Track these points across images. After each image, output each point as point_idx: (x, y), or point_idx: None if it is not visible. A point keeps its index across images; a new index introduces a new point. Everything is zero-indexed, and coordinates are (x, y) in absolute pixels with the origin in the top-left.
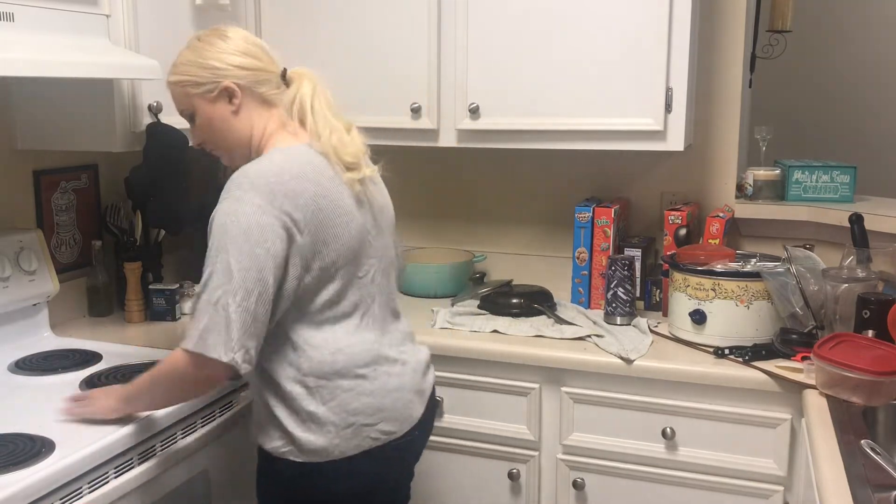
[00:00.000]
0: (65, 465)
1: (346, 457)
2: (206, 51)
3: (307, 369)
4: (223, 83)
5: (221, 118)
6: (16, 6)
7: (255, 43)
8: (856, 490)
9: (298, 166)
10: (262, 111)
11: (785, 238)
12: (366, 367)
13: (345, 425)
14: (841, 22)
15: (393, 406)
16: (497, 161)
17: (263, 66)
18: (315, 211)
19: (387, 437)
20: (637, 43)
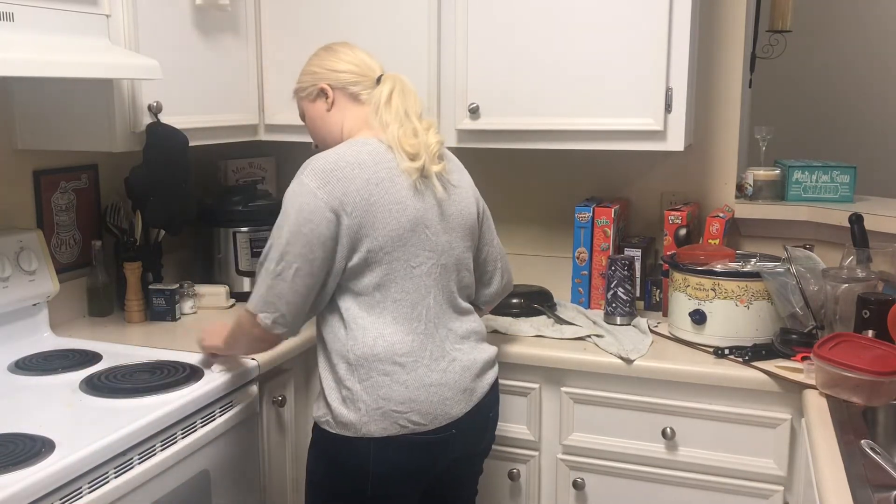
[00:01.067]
0: (65, 465)
1: (373, 437)
2: (312, 61)
3: (351, 347)
4: (319, 85)
5: (319, 115)
6: (16, 6)
7: (357, 53)
8: (856, 490)
9: (357, 154)
10: (351, 109)
11: (785, 238)
12: (405, 356)
13: (375, 406)
14: (841, 22)
15: (427, 399)
16: (497, 161)
17: (358, 71)
18: (366, 196)
19: (415, 426)
20: (637, 43)
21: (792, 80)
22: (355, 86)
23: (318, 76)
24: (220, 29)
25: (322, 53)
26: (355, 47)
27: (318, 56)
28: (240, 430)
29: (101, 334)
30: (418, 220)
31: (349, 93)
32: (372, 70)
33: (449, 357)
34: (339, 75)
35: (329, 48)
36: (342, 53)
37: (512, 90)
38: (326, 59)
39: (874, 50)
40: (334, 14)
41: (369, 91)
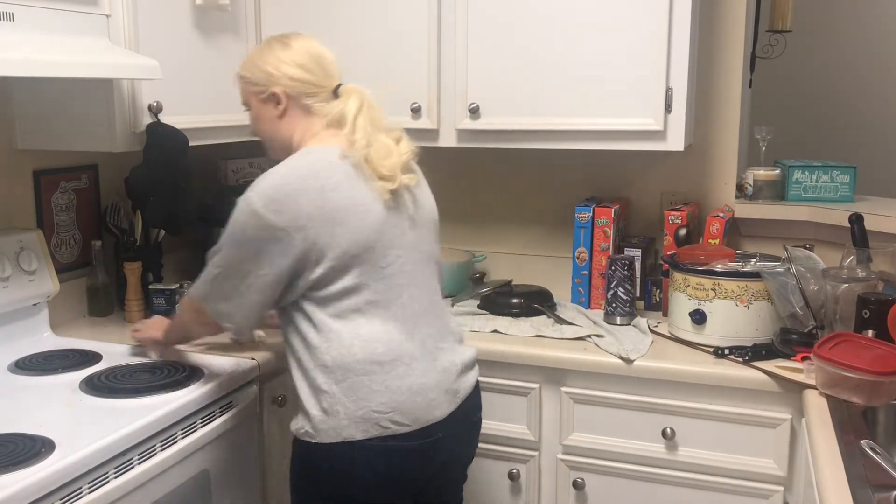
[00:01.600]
0: (65, 465)
1: (356, 441)
2: (267, 55)
3: (327, 350)
4: (272, 89)
5: (268, 118)
6: (16, 6)
7: (315, 56)
8: (856, 490)
9: (309, 164)
10: (305, 120)
11: (785, 238)
12: (384, 356)
13: (355, 409)
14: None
15: (409, 400)
16: (497, 161)
17: (314, 80)
18: (321, 205)
19: (398, 428)
20: (637, 43)
21: (792, 80)
22: (311, 98)
23: (273, 78)
24: (220, 29)
25: (278, 49)
26: (313, 44)
27: (271, 51)
28: (240, 430)
29: (101, 334)
30: (383, 220)
31: (303, 104)
32: (330, 78)
33: (430, 356)
34: (295, 84)
35: (286, 44)
36: (300, 55)
37: (512, 90)
38: (283, 59)
39: (874, 50)
40: (334, 14)
41: (324, 104)
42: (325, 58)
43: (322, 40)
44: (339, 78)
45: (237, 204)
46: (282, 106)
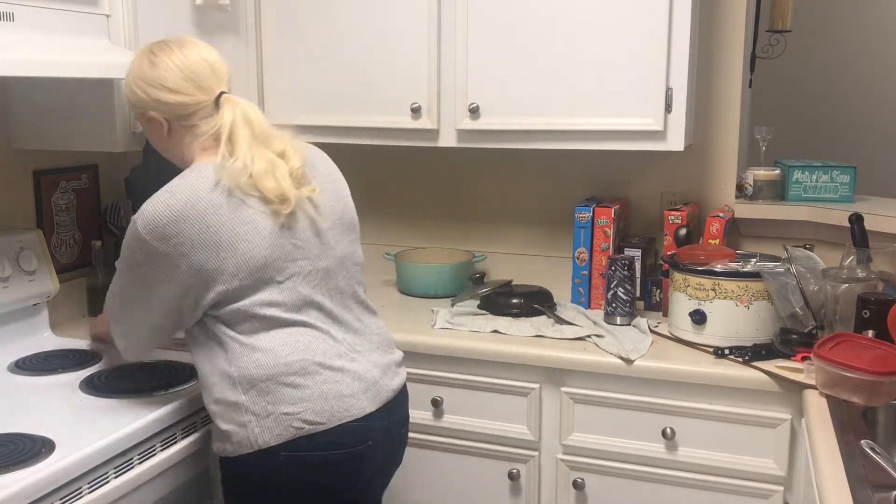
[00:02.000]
0: (65, 465)
1: (270, 447)
2: (137, 74)
3: (233, 367)
4: (150, 112)
5: (156, 137)
6: (16, 6)
7: (185, 71)
8: (856, 490)
9: (189, 188)
10: (189, 137)
11: (785, 238)
12: (296, 374)
13: (265, 415)
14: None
15: (320, 396)
16: (497, 161)
17: (186, 100)
18: (202, 231)
19: (311, 427)
20: (637, 43)
21: (792, 80)
22: (191, 117)
23: (145, 104)
24: (220, 29)
25: (145, 68)
26: (183, 55)
27: (140, 69)
28: None
29: None
30: (277, 233)
31: (184, 124)
32: (207, 91)
33: (347, 357)
34: (168, 107)
35: (152, 62)
36: (166, 73)
37: (512, 90)
38: (150, 81)
39: (874, 50)
40: (334, 14)
41: (206, 119)
42: (196, 70)
43: (322, 41)
44: (219, 86)
45: (124, 241)
46: (164, 128)
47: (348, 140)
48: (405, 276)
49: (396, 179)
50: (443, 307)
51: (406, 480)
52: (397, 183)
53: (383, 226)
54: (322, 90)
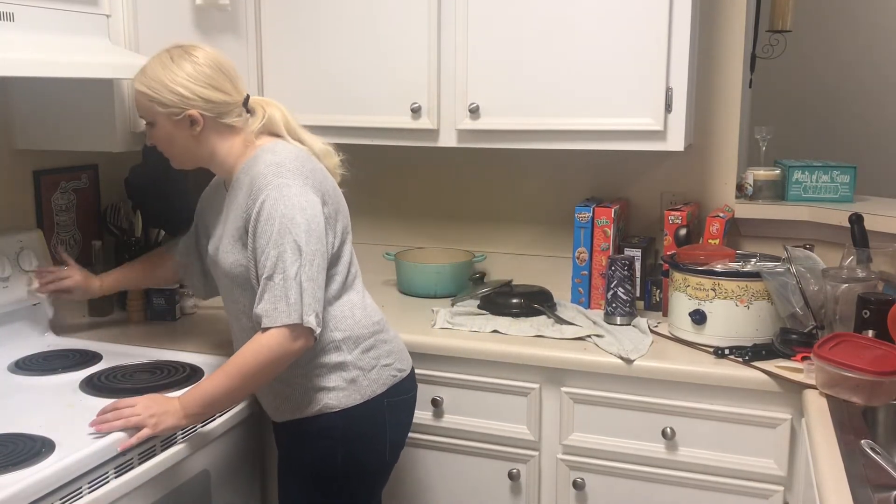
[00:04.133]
0: (65, 465)
1: (377, 395)
2: (175, 73)
3: (340, 335)
4: (188, 111)
5: (182, 138)
6: (16, 6)
7: (221, 68)
8: (856, 490)
9: (298, 152)
10: (226, 137)
11: (785, 238)
12: (384, 330)
13: (369, 367)
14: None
15: (400, 349)
16: (497, 161)
17: (228, 98)
18: (330, 184)
19: (402, 374)
20: (637, 43)
21: (792, 80)
22: (229, 115)
23: (187, 101)
24: (220, 29)
25: (186, 66)
26: (218, 56)
27: (179, 67)
28: (240, 430)
29: (101, 334)
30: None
31: (221, 122)
32: (240, 92)
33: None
34: (214, 105)
35: (193, 60)
36: (210, 71)
37: (512, 90)
38: (194, 78)
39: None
40: (334, 14)
41: (240, 118)
42: (232, 70)
43: (322, 41)
44: (245, 88)
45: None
46: (199, 127)
47: (348, 140)
48: (405, 276)
49: (396, 179)
50: (443, 307)
51: (406, 480)
52: (397, 183)
53: (383, 226)
54: (322, 90)
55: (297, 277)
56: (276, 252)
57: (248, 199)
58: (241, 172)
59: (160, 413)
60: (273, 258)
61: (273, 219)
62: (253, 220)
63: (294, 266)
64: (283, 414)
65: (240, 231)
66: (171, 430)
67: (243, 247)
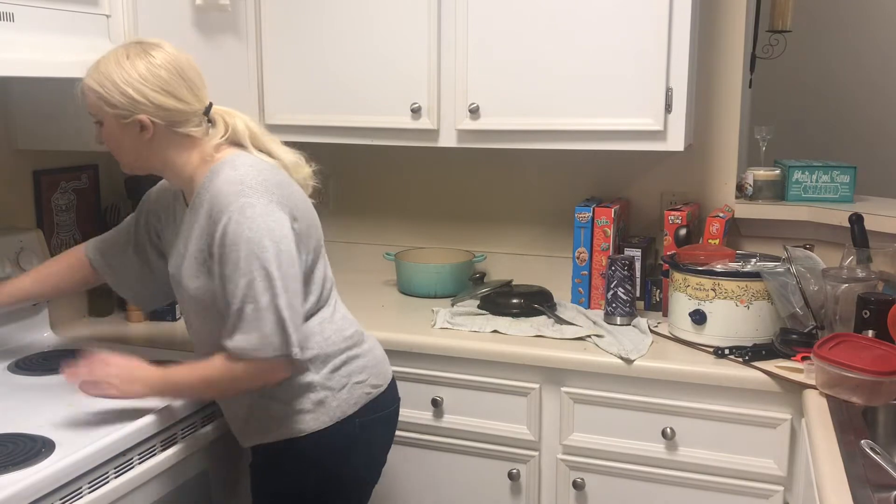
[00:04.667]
0: (65, 465)
1: (348, 416)
2: (128, 73)
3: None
4: (137, 115)
5: (130, 142)
6: (16, 6)
7: (181, 73)
8: (856, 490)
9: (261, 166)
10: (181, 148)
11: (785, 238)
12: (356, 345)
13: (339, 387)
14: (841, 22)
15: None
16: (497, 161)
17: (183, 106)
18: (300, 198)
19: (376, 390)
20: (637, 43)
21: (792, 80)
22: (184, 124)
23: (138, 105)
24: (220, 29)
25: (140, 67)
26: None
27: (132, 67)
28: None
29: (101, 334)
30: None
31: (175, 130)
32: (201, 101)
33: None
34: (166, 112)
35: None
36: (166, 76)
37: (512, 90)
38: (147, 82)
39: (874, 50)
40: (334, 14)
41: (200, 128)
42: (194, 76)
43: (322, 41)
44: (207, 96)
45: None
46: (148, 134)
47: (348, 140)
48: (405, 276)
49: (396, 179)
50: (443, 307)
51: (406, 480)
52: (397, 183)
53: (383, 226)
54: (322, 90)
55: (270, 307)
56: (245, 281)
57: (208, 220)
58: (202, 188)
59: (130, 380)
60: (242, 287)
61: (238, 244)
62: (217, 245)
63: (266, 295)
64: (251, 438)
65: (203, 254)
66: (137, 398)
67: (209, 272)
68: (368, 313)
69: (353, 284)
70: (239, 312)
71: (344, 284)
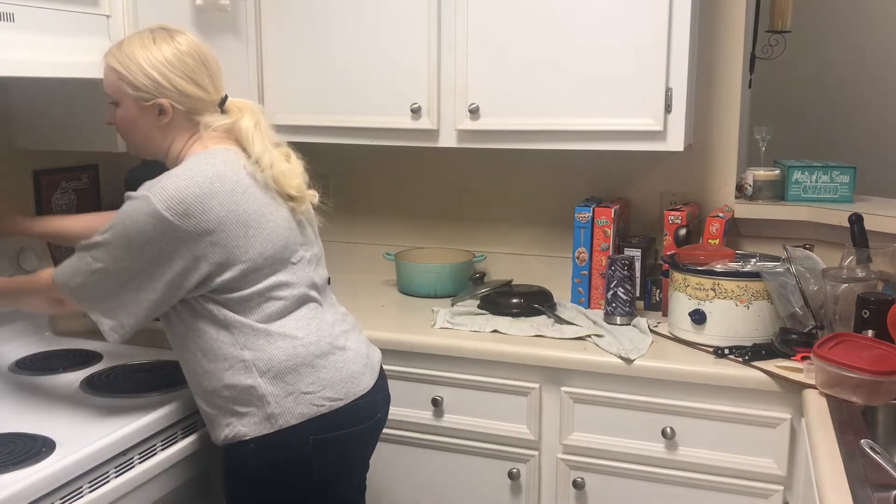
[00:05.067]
0: (65, 465)
1: (295, 429)
2: (154, 56)
3: (250, 355)
4: (160, 99)
5: (146, 125)
6: (16, 6)
7: (205, 61)
8: (856, 490)
9: (214, 168)
10: (189, 131)
11: (785, 238)
12: (315, 356)
13: (284, 394)
14: (841, 22)
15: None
16: (497, 161)
17: (205, 95)
18: (232, 209)
19: (332, 404)
20: (637, 43)
21: (792, 80)
22: (201, 112)
23: (161, 89)
24: (220, 29)
25: (166, 51)
26: (203, 48)
27: (159, 50)
28: None
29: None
30: (290, 218)
31: (190, 118)
32: (219, 91)
33: (344, 336)
34: (188, 100)
35: (175, 48)
36: (192, 63)
37: (512, 90)
38: (173, 67)
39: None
40: (334, 14)
41: (211, 116)
42: (214, 66)
43: (322, 41)
44: (224, 87)
45: (129, 200)
46: (167, 118)
47: (348, 140)
48: (405, 276)
49: (396, 179)
50: (443, 307)
51: (406, 480)
52: (397, 183)
53: (383, 226)
54: (322, 90)
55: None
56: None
57: None
58: None
59: None
60: (97, 236)
61: (117, 218)
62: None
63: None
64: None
65: None
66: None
67: None
68: (368, 313)
69: (353, 284)
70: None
71: (344, 284)
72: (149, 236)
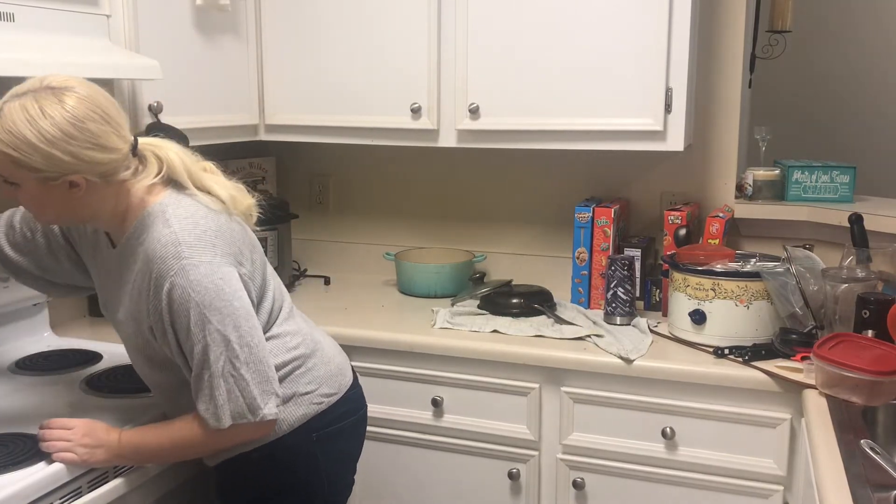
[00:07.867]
0: (65, 465)
1: (295, 429)
2: (47, 130)
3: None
4: (70, 177)
5: (57, 201)
6: (16, 6)
7: (106, 117)
8: (855, 490)
9: (196, 217)
10: (111, 194)
11: (785, 238)
12: (304, 357)
13: (285, 400)
14: (841, 22)
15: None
16: (497, 161)
17: (118, 155)
18: (239, 236)
19: (329, 399)
20: (637, 43)
21: (792, 80)
22: (116, 173)
23: (68, 166)
24: (220, 29)
25: (62, 123)
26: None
27: (53, 125)
28: None
29: (101, 334)
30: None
31: (108, 180)
32: (127, 141)
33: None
34: (101, 167)
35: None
36: (97, 130)
37: (512, 90)
38: (77, 139)
39: (874, 50)
40: (334, 15)
41: (129, 170)
42: (116, 114)
43: (322, 42)
44: (129, 131)
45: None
46: (80, 191)
47: (348, 140)
48: (405, 276)
49: (396, 179)
50: (443, 307)
51: (406, 480)
52: (397, 183)
53: (383, 226)
54: (322, 90)
55: (224, 374)
56: (200, 347)
57: (149, 281)
58: (132, 237)
59: (94, 445)
60: (199, 354)
61: (187, 310)
62: (166, 312)
63: (220, 360)
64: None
65: (142, 315)
66: (100, 465)
67: (152, 332)
68: (368, 313)
69: (353, 284)
70: (198, 379)
71: (344, 284)
72: (229, 291)
